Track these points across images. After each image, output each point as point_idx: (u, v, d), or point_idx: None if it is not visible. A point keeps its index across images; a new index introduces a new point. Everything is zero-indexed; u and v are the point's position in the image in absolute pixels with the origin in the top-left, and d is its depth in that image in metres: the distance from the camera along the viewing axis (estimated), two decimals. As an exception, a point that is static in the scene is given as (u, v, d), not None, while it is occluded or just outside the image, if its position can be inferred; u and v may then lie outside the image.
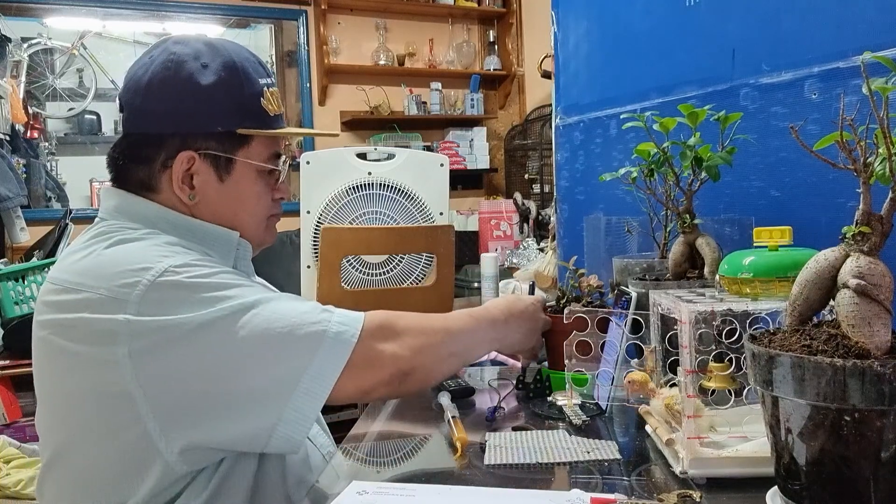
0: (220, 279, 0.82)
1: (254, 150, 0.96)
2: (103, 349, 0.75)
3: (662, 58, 1.48)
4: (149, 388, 0.75)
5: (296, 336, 0.79)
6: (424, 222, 1.95)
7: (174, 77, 0.90)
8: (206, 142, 0.92)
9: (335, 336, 0.81)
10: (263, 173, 0.98)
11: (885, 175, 0.57)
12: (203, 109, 0.91)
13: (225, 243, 0.96)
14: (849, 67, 1.05)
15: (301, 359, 0.79)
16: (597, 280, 1.43)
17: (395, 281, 1.94)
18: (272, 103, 0.97)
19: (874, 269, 0.57)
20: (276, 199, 1.03)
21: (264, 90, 0.96)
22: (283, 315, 0.80)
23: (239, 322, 0.78)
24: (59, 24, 3.85)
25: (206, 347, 0.76)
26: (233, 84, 0.92)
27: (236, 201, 0.96)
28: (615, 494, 0.73)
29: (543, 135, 3.95)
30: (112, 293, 0.77)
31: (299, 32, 4.23)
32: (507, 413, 1.07)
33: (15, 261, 2.99)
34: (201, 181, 0.93)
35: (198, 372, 0.76)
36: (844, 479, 0.56)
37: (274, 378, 0.77)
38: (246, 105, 0.93)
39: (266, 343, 0.78)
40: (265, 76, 0.97)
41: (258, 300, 0.81)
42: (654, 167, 1.15)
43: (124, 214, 0.92)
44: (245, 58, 0.96)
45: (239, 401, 0.77)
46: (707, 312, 0.77)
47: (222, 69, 0.92)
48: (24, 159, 3.59)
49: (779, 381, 0.57)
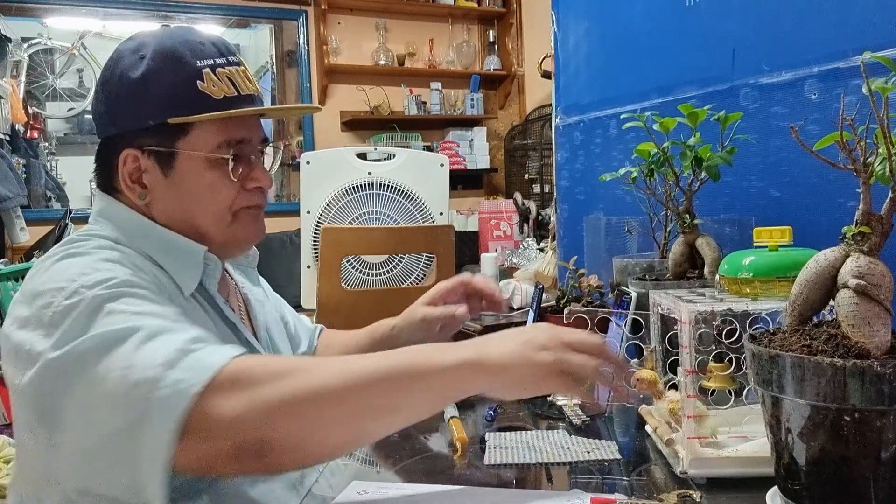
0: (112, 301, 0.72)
1: (196, 138, 0.87)
2: (17, 368, 0.72)
3: (662, 58, 1.48)
4: (40, 418, 0.70)
5: (132, 387, 0.65)
6: (424, 222, 1.95)
7: (111, 76, 0.87)
8: (145, 137, 0.86)
9: (169, 390, 0.64)
10: (217, 162, 0.88)
11: (884, 175, 0.57)
12: (135, 104, 0.86)
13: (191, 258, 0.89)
14: (849, 67, 1.05)
15: (134, 417, 0.64)
16: (597, 280, 1.43)
17: (395, 281, 1.94)
18: (219, 85, 0.87)
19: (874, 269, 0.57)
20: (249, 189, 0.92)
21: (204, 72, 0.86)
22: (137, 359, 0.67)
23: (95, 366, 0.67)
24: (59, 24, 3.85)
25: (69, 387, 0.68)
26: (161, 71, 0.85)
27: (186, 196, 0.88)
28: (615, 494, 0.73)
29: (543, 135, 3.95)
30: (34, 311, 0.73)
31: (299, 32, 4.23)
32: (507, 413, 1.07)
33: (15, 261, 2.98)
34: (150, 179, 0.88)
35: (63, 412, 0.68)
36: (844, 479, 0.56)
37: (117, 435, 0.65)
38: (178, 92, 0.85)
39: (108, 395, 0.66)
40: (212, 56, 0.88)
41: (128, 331, 0.68)
42: (654, 167, 1.15)
43: (106, 219, 0.89)
44: (184, 40, 0.87)
45: (97, 451, 0.66)
46: (707, 312, 0.77)
47: (152, 58, 0.85)
48: (24, 159, 3.59)
49: (779, 381, 0.57)
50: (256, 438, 0.65)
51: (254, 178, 0.92)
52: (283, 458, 0.66)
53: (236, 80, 0.89)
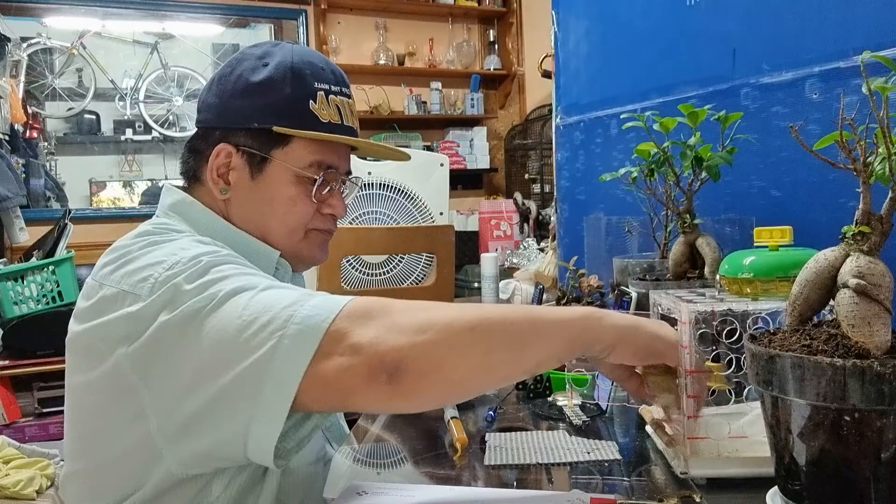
0: (215, 267, 0.75)
1: (293, 152, 0.91)
2: (112, 344, 0.73)
3: (663, 58, 1.48)
4: (147, 384, 0.72)
5: (260, 326, 0.68)
6: (424, 222, 1.95)
7: (231, 73, 0.92)
8: (244, 137, 0.91)
9: (302, 322, 0.67)
10: (303, 180, 0.92)
11: (884, 175, 0.57)
12: (245, 105, 0.90)
13: (265, 260, 0.92)
14: (849, 67, 1.05)
15: (263, 352, 0.66)
16: (597, 280, 1.43)
17: (395, 281, 1.94)
18: (328, 110, 0.92)
19: (874, 268, 0.57)
20: (323, 214, 0.96)
21: (319, 94, 0.91)
22: (257, 305, 0.70)
23: (212, 316, 0.70)
24: (59, 23, 3.85)
25: (185, 344, 0.70)
26: (281, 82, 0.90)
27: (265, 202, 0.92)
28: (615, 495, 0.73)
29: (543, 135, 3.96)
30: (128, 289, 0.74)
31: (299, 32, 4.23)
32: (507, 414, 1.07)
33: (14, 261, 2.98)
34: (236, 177, 0.92)
35: (178, 371, 0.70)
36: (844, 479, 0.56)
37: (240, 375, 0.67)
38: (290, 105, 0.90)
39: (230, 338, 0.68)
40: (328, 83, 0.93)
41: (241, 287, 0.72)
42: (655, 167, 1.15)
43: (179, 214, 0.91)
44: (308, 62, 0.92)
45: (212, 400, 0.69)
46: (707, 312, 0.77)
47: (276, 67, 0.90)
48: (24, 159, 3.59)
49: (779, 381, 0.57)
50: (392, 360, 0.65)
51: (331, 206, 0.97)
52: (416, 382, 0.66)
53: (343, 110, 0.94)
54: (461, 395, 0.77)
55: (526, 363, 0.72)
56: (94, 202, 3.93)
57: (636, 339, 0.75)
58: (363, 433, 1.01)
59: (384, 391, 0.65)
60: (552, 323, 0.72)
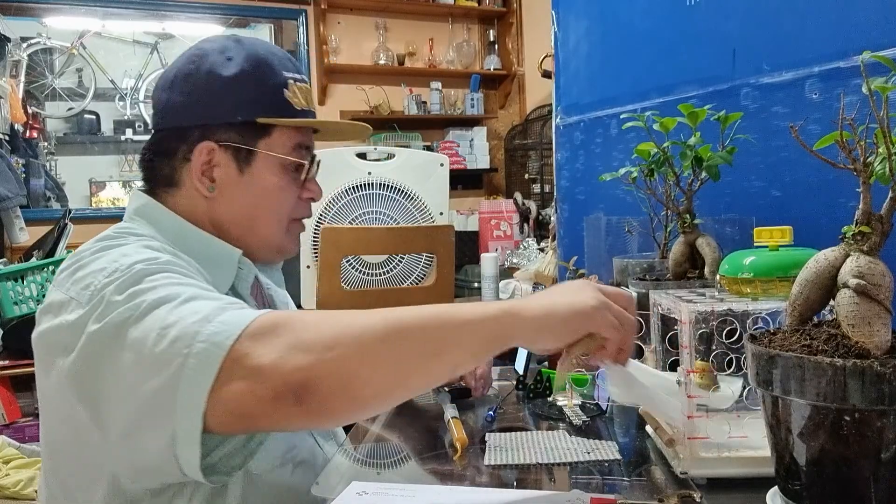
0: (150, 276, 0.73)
1: (276, 141, 0.93)
2: (53, 353, 0.73)
3: (663, 58, 1.48)
4: (81, 398, 0.71)
5: (170, 342, 0.65)
6: (424, 222, 1.95)
7: (197, 70, 0.91)
8: (227, 133, 0.91)
9: (207, 339, 0.64)
10: (287, 168, 0.94)
11: (884, 175, 0.57)
12: (223, 100, 0.90)
13: (227, 260, 0.91)
14: (849, 67, 1.05)
15: (172, 370, 0.64)
16: (597, 280, 1.42)
17: (395, 281, 1.94)
18: (298, 96, 0.94)
19: (874, 268, 0.57)
20: (303, 199, 0.99)
21: (289, 82, 0.93)
22: (172, 318, 0.67)
23: (133, 328, 0.67)
24: (59, 23, 3.85)
25: (111, 357, 0.68)
26: (255, 74, 0.91)
27: (256, 195, 0.93)
28: (615, 495, 0.73)
29: (543, 135, 3.96)
30: (73, 295, 0.73)
31: (299, 32, 4.23)
32: (507, 413, 1.07)
33: (14, 261, 2.98)
34: (221, 173, 0.91)
35: (106, 385, 0.68)
36: (844, 479, 0.56)
37: (157, 392, 0.65)
38: (268, 95, 0.92)
39: (147, 351, 0.66)
40: (293, 70, 0.95)
41: (164, 298, 0.69)
42: (655, 167, 1.15)
43: (143, 218, 0.91)
44: (271, 52, 0.95)
45: (137, 416, 0.66)
46: (707, 312, 0.77)
47: (245, 61, 0.91)
48: (24, 159, 3.59)
49: (779, 381, 0.57)
50: (297, 381, 0.62)
51: (310, 189, 0.99)
52: (326, 401, 0.63)
53: (307, 96, 0.97)
54: (377, 409, 0.75)
55: (441, 370, 0.70)
56: (94, 202, 3.93)
57: (553, 326, 0.72)
58: (363, 433, 1.01)
59: (293, 412, 0.63)
60: (468, 324, 0.69)
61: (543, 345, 0.74)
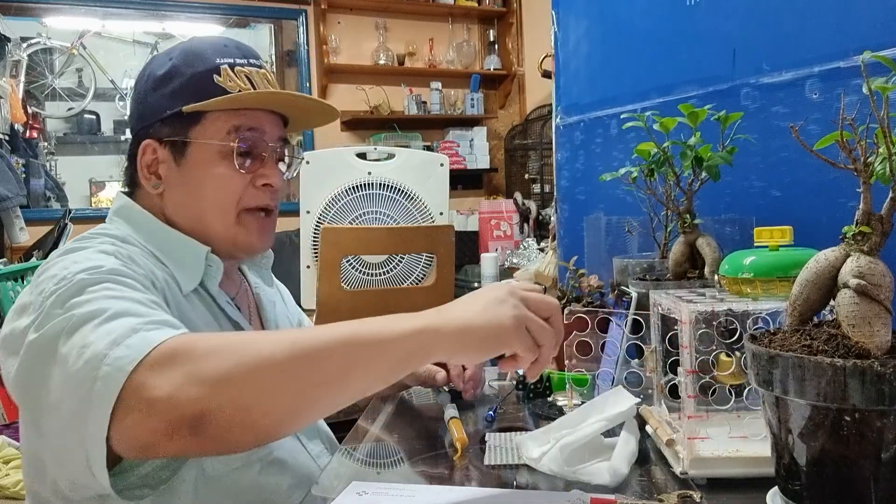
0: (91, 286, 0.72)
1: (207, 128, 0.91)
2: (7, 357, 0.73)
3: (663, 58, 1.48)
4: (23, 405, 0.72)
5: (85, 362, 0.64)
6: (424, 222, 1.95)
7: (141, 76, 0.94)
8: (162, 128, 0.91)
9: (112, 364, 0.63)
10: (226, 154, 0.90)
11: (885, 175, 0.57)
12: (157, 97, 0.91)
13: (194, 257, 0.91)
14: (849, 67, 1.05)
15: (83, 393, 0.63)
16: (597, 280, 1.43)
17: (395, 281, 1.94)
18: (235, 81, 0.90)
19: (874, 268, 0.57)
20: (258, 187, 0.93)
21: (222, 68, 0.90)
22: (91, 336, 0.66)
23: (63, 343, 0.67)
24: (59, 23, 3.85)
25: (43, 369, 0.68)
26: (183, 66, 0.91)
27: (195, 185, 0.92)
28: (615, 494, 0.73)
29: (543, 135, 3.96)
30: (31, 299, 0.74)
31: (299, 32, 4.23)
32: (507, 413, 1.07)
33: (14, 261, 2.98)
34: (164, 169, 0.92)
35: (39, 396, 0.68)
36: (845, 480, 0.56)
37: (73, 412, 0.64)
38: (194, 84, 0.90)
39: (69, 368, 0.65)
40: (233, 56, 0.92)
41: (93, 314, 0.68)
42: (655, 167, 1.15)
43: (121, 218, 0.94)
44: (209, 43, 0.94)
45: (61, 431, 0.66)
46: (707, 312, 0.77)
47: (177, 56, 0.92)
48: (24, 159, 3.59)
49: (779, 382, 0.57)
50: (191, 413, 0.61)
51: (263, 175, 0.93)
52: (223, 433, 0.62)
53: (254, 78, 0.92)
54: (281, 435, 0.72)
55: (347, 394, 0.68)
56: (94, 202, 3.93)
57: (470, 345, 0.70)
58: (363, 433, 1.01)
59: (191, 442, 0.62)
60: (380, 344, 0.67)
61: (460, 361, 0.75)
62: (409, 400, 1.18)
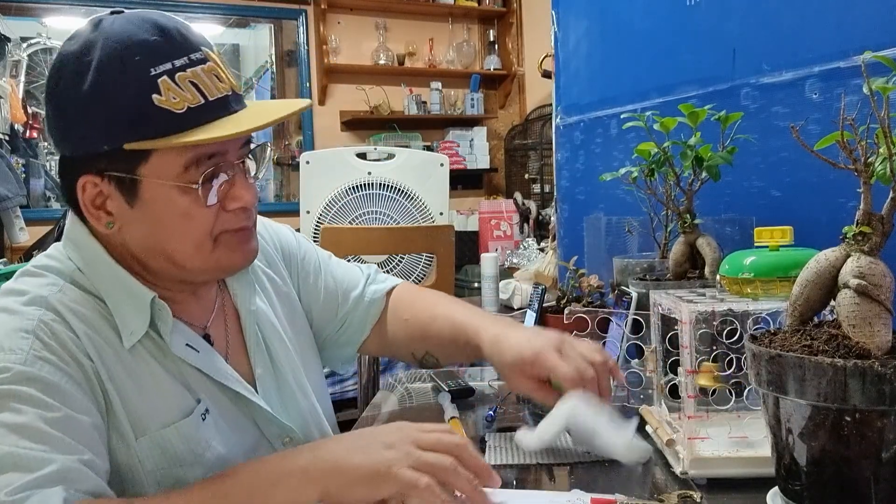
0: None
1: (161, 162, 0.74)
2: None
3: (663, 58, 1.48)
4: None
5: None
6: (424, 222, 1.95)
7: (55, 87, 0.75)
8: (100, 161, 0.74)
9: None
10: (190, 190, 0.75)
11: (885, 175, 0.57)
12: (87, 126, 0.73)
13: (138, 303, 0.78)
14: (849, 67, 1.05)
15: None
16: (597, 280, 1.43)
17: (395, 281, 1.94)
18: (180, 95, 0.72)
19: (875, 268, 0.57)
20: (230, 211, 0.79)
21: (161, 82, 0.71)
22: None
23: None
24: (59, 23, 3.85)
25: None
26: (112, 85, 0.72)
27: (156, 226, 0.77)
28: (615, 494, 0.73)
29: (543, 135, 3.95)
30: None
31: (299, 32, 4.23)
32: (507, 413, 1.07)
33: (14, 261, 2.98)
34: (115, 206, 0.76)
35: None
36: (845, 480, 0.56)
37: None
38: (132, 110, 0.71)
39: None
40: (169, 58, 0.72)
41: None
42: (655, 167, 1.15)
43: (72, 242, 0.82)
44: (135, 41, 0.72)
45: None
46: (707, 312, 0.77)
47: (98, 66, 0.72)
48: (24, 159, 3.59)
49: (779, 382, 0.57)
50: None
51: (235, 198, 0.79)
52: None
53: (203, 82, 0.74)
54: None
55: None
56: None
57: (342, 485, 0.66)
58: (363, 433, 1.01)
59: None
60: None
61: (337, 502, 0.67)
62: (410, 400, 1.18)
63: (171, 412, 0.78)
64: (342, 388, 2.60)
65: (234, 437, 0.83)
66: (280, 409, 0.90)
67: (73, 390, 0.70)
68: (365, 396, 1.65)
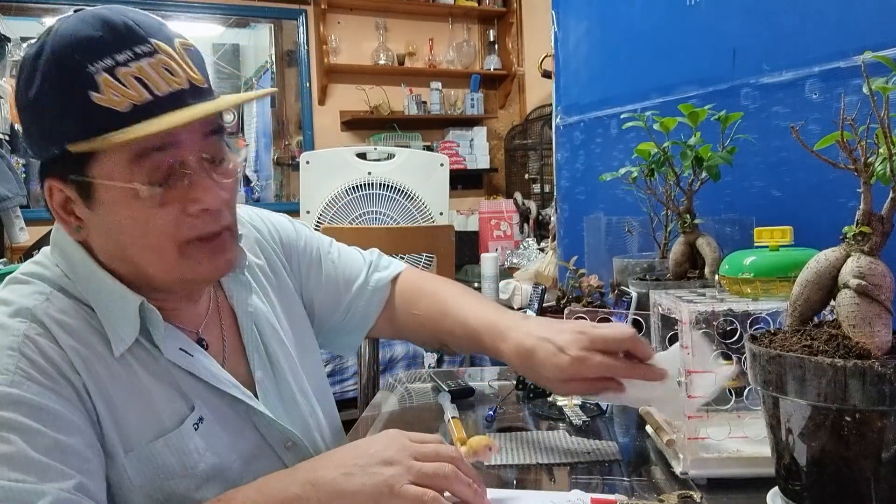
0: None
1: (107, 163, 0.70)
2: None
3: (663, 58, 1.48)
4: None
5: None
6: (424, 222, 1.95)
7: (17, 90, 0.73)
8: (58, 165, 0.72)
9: None
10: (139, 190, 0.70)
11: (885, 175, 0.57)
12: (40, 129, 0.72)
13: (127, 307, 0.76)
14: (849, 67, 1.05)
15: None
16: (597, 280, 1.43)
17: (395, 281, 1.94)
18: (122, 92, 0.67)
19: (875, 269, 0.57)
20: (192, 215, 0.73)
21: (100, 77, 0.67)
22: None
23: None
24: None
25: None
26: (52, 85, 0.69)
27: (116, 231, 0.74)
28: (615, 495, 0.73)
29: (543, 135, 3.95)
30: None
31: (299, 32, 4.23)
32: (507, 413, 1.07)
33: (14, 261, 2.98)
34: (81, 210, 0.74)
35: None
36: (845, 480, 0.56)
37: None
38: (71, 111, 0.68)
39: None
40: (110, 53, 0.68)
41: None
42: (655, 167, 1.15)
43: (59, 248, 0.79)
44: (77, 37, 0.68)
45: None
46: (708, 312, 0.77)
47: (43, 67, 0.69)
48: (24, 159, 3.59)
49: (779, 382, 0.57)
50: None
51: (193, 200, 0.72)
52: None
53: (148, 77, 0.68)
54: None
55: None
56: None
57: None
58: (364, 433, 1.01)
59: None
60: None
61: None
62: (410, 400, 1.18)
63: (162, 422, 0.76)
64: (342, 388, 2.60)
65: (233, 443, 0.82)
66: (282, 413, 0.89)
67: (61, 410, 0.68)
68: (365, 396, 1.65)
